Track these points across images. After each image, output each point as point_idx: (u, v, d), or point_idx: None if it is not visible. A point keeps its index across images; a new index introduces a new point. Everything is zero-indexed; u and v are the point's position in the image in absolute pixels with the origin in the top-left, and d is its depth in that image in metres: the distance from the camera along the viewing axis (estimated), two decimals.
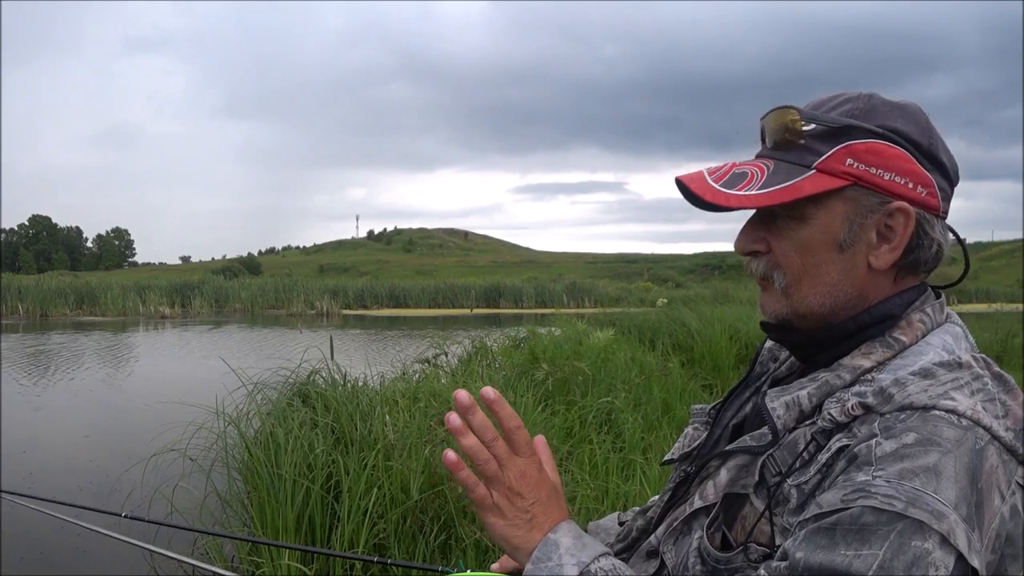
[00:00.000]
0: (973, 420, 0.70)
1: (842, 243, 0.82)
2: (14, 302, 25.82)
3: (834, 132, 0.81)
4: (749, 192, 0.81)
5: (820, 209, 0.81)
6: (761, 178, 0.82)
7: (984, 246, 72.72)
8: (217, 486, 3.65)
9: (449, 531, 3.22)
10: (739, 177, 0.83)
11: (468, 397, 0.82)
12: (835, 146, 0.81)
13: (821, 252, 0.83)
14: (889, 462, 0.68)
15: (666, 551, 0.88)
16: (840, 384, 0.80)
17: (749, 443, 0.84)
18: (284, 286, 33.00)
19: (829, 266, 0.83)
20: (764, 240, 0.87)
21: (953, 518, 0.64)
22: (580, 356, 5.75)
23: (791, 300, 0.85)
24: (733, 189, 0.82)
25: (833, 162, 0.80)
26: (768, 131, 0.85)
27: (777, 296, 0.87)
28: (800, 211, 0.82)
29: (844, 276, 0.83)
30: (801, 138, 0.82)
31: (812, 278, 0.84)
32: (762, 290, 0.90)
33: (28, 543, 4.13)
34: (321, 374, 4.73)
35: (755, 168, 0.84)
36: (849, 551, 0.64)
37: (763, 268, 0.87)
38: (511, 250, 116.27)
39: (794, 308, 0.86)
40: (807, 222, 0.82)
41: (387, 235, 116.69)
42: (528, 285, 36.49)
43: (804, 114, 0.82)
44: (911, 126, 0.82)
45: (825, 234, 0.82)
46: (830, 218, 0.81)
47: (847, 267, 0.83)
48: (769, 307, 0.89)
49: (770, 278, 0.87)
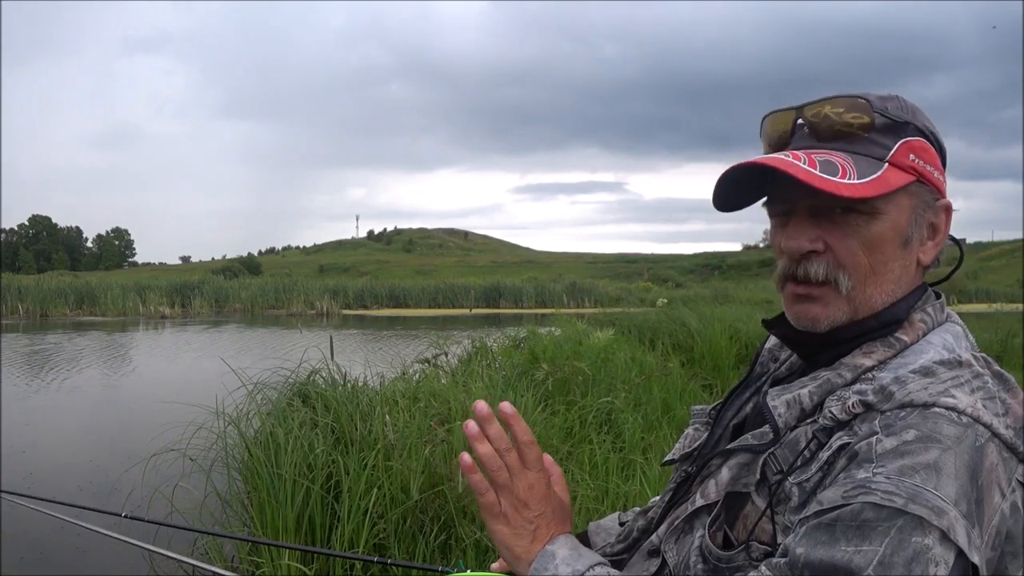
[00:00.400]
0: (973, 417, 0.70)
1: (907, 239, 0.82)
2: (14, 302, 25.81)
3: (894, 127, 0.81)
4: (853, 182, 0.77)
5: (889, 204, 0.80)
6: (853, 170, 0.78)
7: (984, 246, 72.70)
8: (217, 486, 3.65)
9: (449, 531, 3.22)
10: (831, 166, 0.78)
11: (486, 408, 0.85)
12: (897, 141, 0.81)
13: (889, 248, 0.81)
14: (890, 459, 0.68)
15: (667, 550, 0.88)
16: (841, 382, 0.80)
17: (750, 441, 0.84)
18: (284, 286, 32.97)
19: (894, 263, 0.82)
20: (820, 239, 0.82)
21: (953, 514, 0.64)
22: (580, 356, 5.75)
23: (854, 303, 0.82)
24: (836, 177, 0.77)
25: (900, 156, 0.80)
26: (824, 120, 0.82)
27: (839, 302, 0.82)
28: (872, 206, 0.79)
29: (903, 272, 0.83)
30: (868, 130, 0.81)
31: (878, 276, 0.82)
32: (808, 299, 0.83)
33: (28, 543, 4.13)
34: (321, 374, 4.73)
35: (837, 159, 0.79)
36: (849, 547, 0.65)
37: (825, 270, 0.82)
38: (511, 250, 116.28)
39: (856, 311, 0.82)
40: (878, 217, 0.80)
41: (387, 235, 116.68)
42: (528, 285, 36.46)
43: (875, 106, 0.81)
44: (935, 128, 0.85)
45: (894, 230, 0.81)
46: (898, 213, 0.81)
47: (906, 263, 0.83)
48: (823, 315, 0.83)
49: (835, 281, 0.81)
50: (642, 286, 38.60)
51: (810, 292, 0.83)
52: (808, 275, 0.82)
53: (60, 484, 5.30)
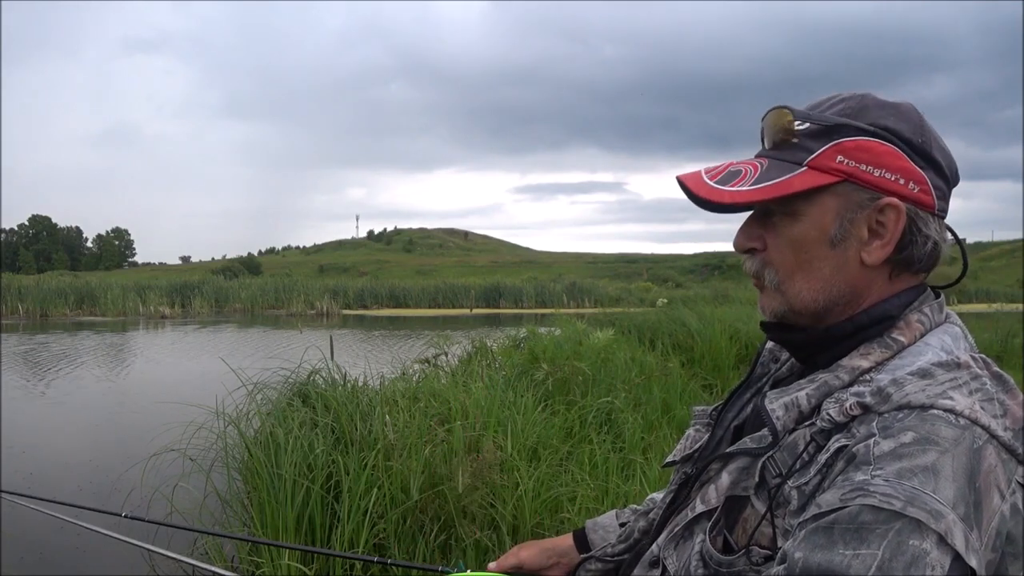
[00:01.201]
0: (971, 419, 0.70)
1: (833, 239, 0.83)
2: (14, 302, 25.80)
3: (826, 131, 0.83)
4: (740, 188, 0.83)
5: (812, 205, 0.83)
6: (754, 175, 0.84)
7: (984, 246, 72.70)
8: (217, 486, 3.65)
9: (449, 531, 3.22)
10: (733, 175, 0.85)
11: None
12: (826, 144, 0.82)
13: (813, 248, 0.84)
14: (887, 461, 0.68)
15: (667, 556, 0.88)
16: (839, 384, 0.80)
17: (749, 445, 0.84)
18: (284, 286, 32.97)
19: (821, 261, 0.84)
20: (761, 238, 0.88)
21: (951, 517, 0.64)
22: (580, 356, 5.75)
23: (786, 296, 0.87)
24: (727, 186, 0.84)
25: (824, 159, 0.82)
26: (766, 131, 0.87)
27: (772, 293, 0.88)
28: (792, 208, 0.84)
29: (837, 272, 0.84)
30: (794, 136, 0.84)
31: (805, 273, 0.85)
32: (759, 291, 0.91)
33: (28, 543, 4.13)
34: (321, 374, 4.73)
35: (749, 166, 0.85)
36: (848, 550, 0.64)
37: (756, 266, 0.89)
38: (511, 250, 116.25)
39: (790, 304, 0.87)
40: (799, 218, 0.84)
41: (387, 235, 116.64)
42: (528, 285, 36.46)
43: (797, 114, 0.84)
44: (903, 124, 0.83)
45: (816, 230, 0.83)
46: (821, 214, 0.83)
47: (839, 263, 0.84)
48: (767, 305, 0.90)
49: (761, 276, 0.89)
50: (642, 286, 38.60)
51: (757, 284, 0.91)
52: (747, 270, 0.91)
53: (60, 484, 5.30)
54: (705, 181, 0.85)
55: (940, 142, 0.85)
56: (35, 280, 32.32)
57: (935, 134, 0.85)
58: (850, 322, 0.84)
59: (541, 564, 1.19)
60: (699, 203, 0.85)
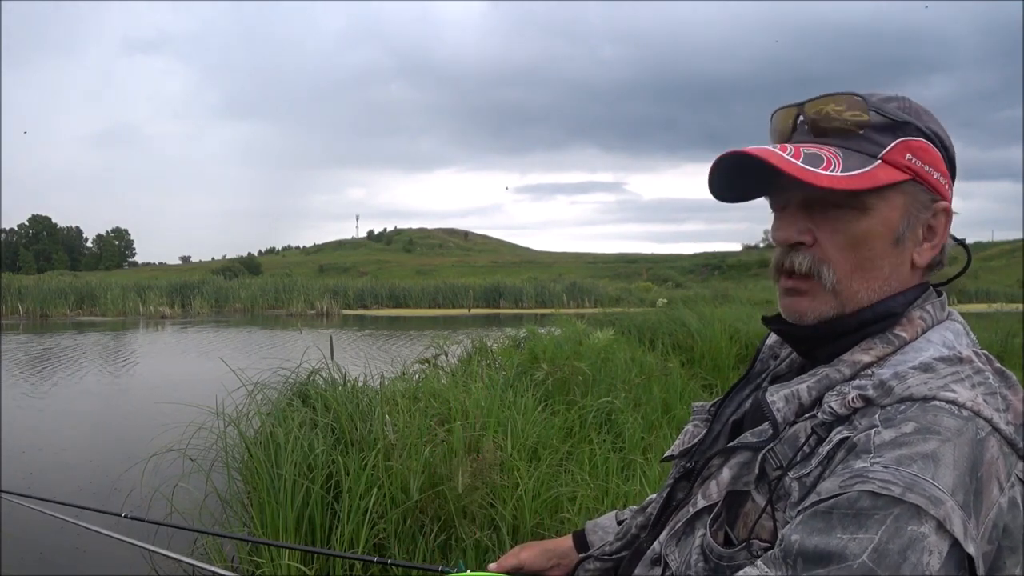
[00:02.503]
0: (974, 411, 0.70)
1: (899, 237, 0.82)
2: (14, 302, 25.80)
3: (892, 126, 0.81)
4: (835, 174, 0.78)
5: (882, 201, 0.80)
6: (839, 163, 0.79)
7: (984, 246, 72.66)
8: (217, 486, 3.64)
9: (449, 531, 3.22)
10: (816, 158, 0.79)
11: None
12: (894, 140, 0.81)
13: (878, 245, 0.81)
14: (887, 449, 0.68)
15: (669, 553, 0.88)
16: (840, 378, 0.80)
17: (750, 439, 0.84)
18: (284, 286, 32.98)
19: (882, 260, 0.82)
20: (810, 231, 0.83)
21: (950, 504, 0.64)
22: (580, 356, 5.75)
23: (841, 298, 0.82)
24: (817, 168, 0.78)
25: (896, 155, 0.80)
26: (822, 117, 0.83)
27: (824, 296, 0.83)
28: (862, 201, 0.80)
29: (893, 271, 0.83)
30: (864, 128, 0.81)
31: (865, 272, 0.82)
32: (795, 293, 0.85)
33: (28, 543, 4.13)
34: (321, 374, 4.73)
35: (826, 152, 0.80)
36: (845, 534, 0.64)
37: (808, 262, 0.83)
38: (511, 250, 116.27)
39: (843, 306, 0.83)
40: (867, 213, 0.80)
41: (387, 235, 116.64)
42: (528, 285, 36.46)
43: (871, 104, 0.82)
44: (941, 130, 0.84)
45: (884, 226, 0.81)
46: (890, 210, 0.81)
47: (897, 262, 0.83)
48: (812, 309, 0.83)
49: (818, 274, 0.82)
50: (642, 286, 38.60)
51: (798, 286, 0.84)
52: (793, 266, 0.83)
53: (60, 484, 5.31)
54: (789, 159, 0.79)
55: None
56: (35, 280, 32.32)
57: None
58: (854, 318, 0.83)
59: (541, 565, 1.19)
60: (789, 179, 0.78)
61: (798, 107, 0.86)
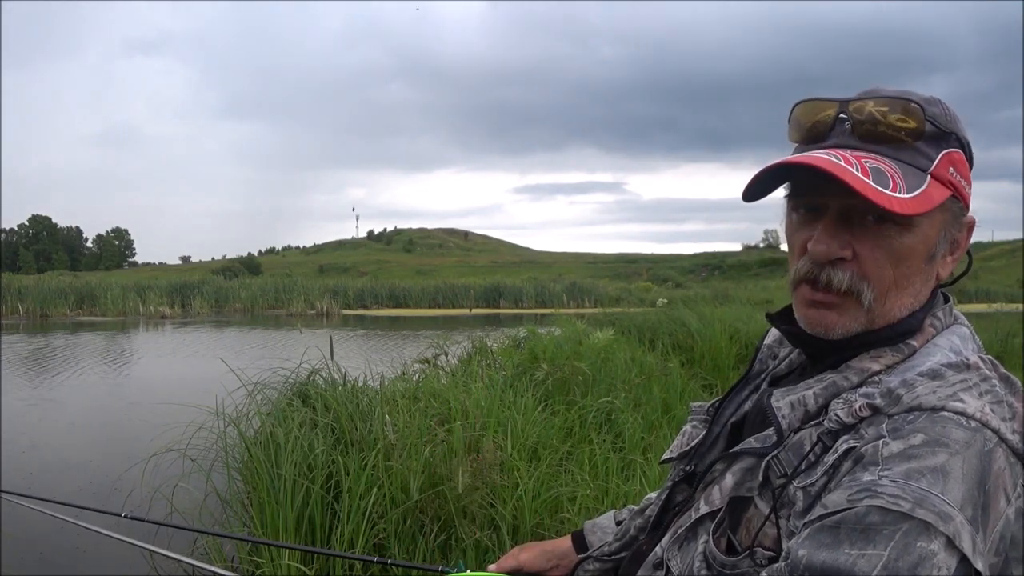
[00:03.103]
0: (982, 422, 0.69)
1: (933, 253, 0.80)
2: (14, 302, 25.79)
3: (939, 137, 0.78)
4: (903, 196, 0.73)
5: (925, 218, 0.77)
6: (902, 182, 0.74)
7: (984, 246, 72.60)
8: (217, 486, 3.64)
9: (449, 531, 3.22)
10: (882, 176, 0.74)
11: None
12: (939, 152, 0.78)
13: (915, 262, 0.79)
14: (896, 462, 0.67)
15: (671, 558, 0.87)
16: (847, 386, 0.79)
17: (754, 445, 0.83)
18: (284, 286, 32.95)
19: (916, 276, 0.80)
20: (850, 245, 0.78)
21: (959, 520, 0.63)
22: (580, 356, 5.74)
23: (872, 315, 0.79)
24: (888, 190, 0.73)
25: (941, 169, 0.77)
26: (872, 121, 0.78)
27: (857, 313, 0.79)
28: (909, 218, 0.75)
29: (923, 286, 0.81)
30: (916, 138, 0.77)
31: (900, 290, 0.79)
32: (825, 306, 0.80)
33: (28, 543, 4.13)
34: (321, 374, 4.73)
35: (886, 167, 0.75)
36: (853, 550, 0.63)
37: (849, 280, 0.78)
38: (511, 250, 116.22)
39: (873, 323, 0.80)
40: (911, 230, 0.77)
41: (387, 235, 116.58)
42: (528, 285, 36.44)
43: (928, 113, 0.77)
44: (967, 137, 0.82)
45: (924, 244, 0.78)
46: (930, 227, 0.78)
47: (927, 278, 0.81)
48: (838, 324, 0.80)
49: (858, 293, 0.78)
50: (642, 286, 38.60)
51: (829, 300, 0.79)
52: (831, 283, 0.78)
53: (60, 484, 5.30)
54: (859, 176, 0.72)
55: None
56: (35, 280, 32.29)
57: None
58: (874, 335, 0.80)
59: (541, 566, 1.19)
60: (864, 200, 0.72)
61: (839, 103, 0.80)
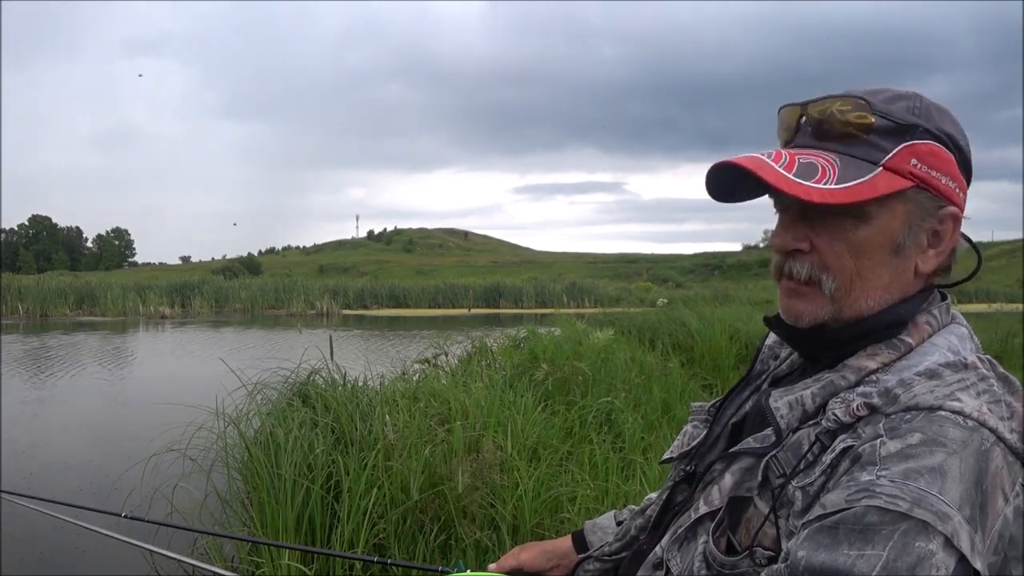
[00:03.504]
0: (979, 421, 0.69)
1: (898, 246, 0.80)
2: (14, 302, 25.78)
3: (899, 130, 0.79)
4: (828, 187, 0.76)
5: (883, 209, 0.79)
6: (834, 173, 0.77)
7: (984, 246, 72.30)
8: (217, 486, 3.64)
9: (449, 531, 3.22)
10: (810, 169, 0.78)
11: None
12: (899, 144, 0.78)
13: (877, 254, 0.80)
14: (894, 462, 0.67)
15: (671, 558, 0.87)
16: (845, 385, 0.79)
17: (752, 445, 0.83)
18: (284, 286, 32.95)
19: (882, 268, 0.81)
20: (807, 238, 0.82)
21: (957, 520, 0.64)
22: (580, 356, 5.75)
23: (839, 304, 0.82)
24: (810, 181, 0.76)
25: (899, 161, 0.78)
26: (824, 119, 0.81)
27: (821, 301, 0.82)
28: (861, 210, 0.78)
29: (894, 280, 0.81)
30: (868, 132, 0.79)
31: (865, 281, 0.81)
32: (795, 295, 0.84)
33: (28, 543, 4.13)
34: (321, 374, 4.73)
35: (823, 161, 0.79)
36: (852, 551, 0.64)
37: (808, 270, 0.82)
38: (511, 250, 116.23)
39: (840, 312, 0.82)
40: (868, 222, 0.79)
41: (387, 235, 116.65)
42: (528, 285, 36.44)
43: (875, 108, 0.79)
44: (955, 130, 0.81)
45: (884, 235, 0.80)
46: (891, 218, 0.79)
47: (898, 271, 0.81)
48: (808, 311, 0.83)
49: (818, 281, 0.82)
50: (642, 286, 38.61)
51: (797, 288, 0.83)
52: (792, 272, 0.83)
53: (60, 484, 5.30)
54: (780, 171, 0.77)
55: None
56: (35, 280, 32.27)
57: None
58: (860, 326, 0.82)
59: (541, 566, 1.20)
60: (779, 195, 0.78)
61: (801, 107, 0.83)
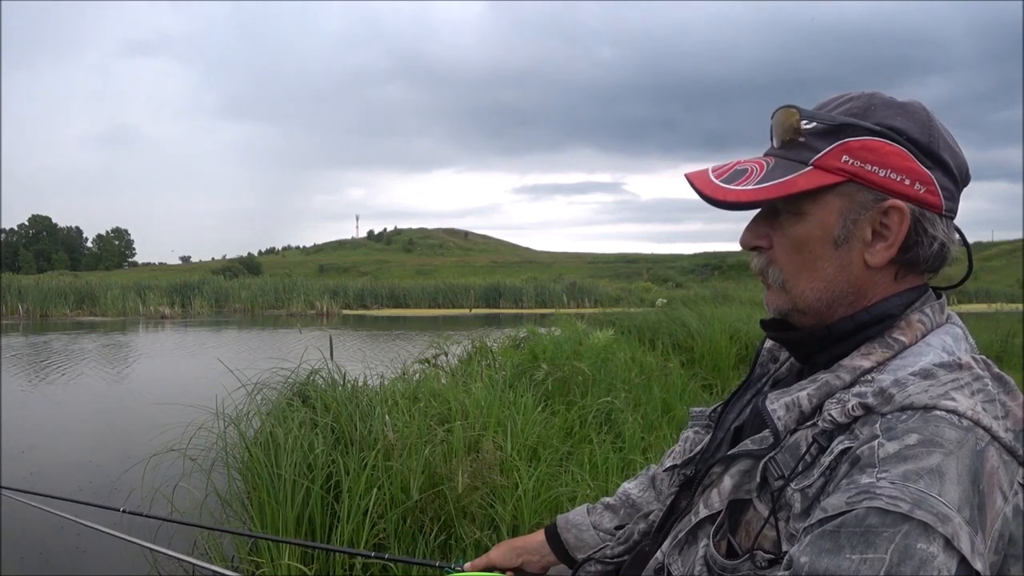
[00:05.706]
0: (973, 421, 0.70)
1: (837, 239, 0.83)
2: (14, 302, 25.77)
3: (832, 130, 0.82)
4: (745, 187, 0.83)
5: (817, 205, 0.83)
6: (760, 174, 0.84)
7: (984, 246, 72.61)
8: (217, 486, 3.65)
9: (449, 531, 3.22)
10: (739, 173, 0.86)
11: None
12: (832, 143, 0.82)
13: (817, 247, 0.84)
14: (892, 463, 0.67)
15: (672, 563, 0.88)
16: (840, 385, 0.80)
17: (750, 447, 0.84)
18: (284, 286, 32.92)
19: (825, 261, 0.84)
20: (767, 236, 0.89)
21: (957, 521, 0.64)
22: (580, 356, 5.75)
23: (790, 294, 0.87)
24: (732, 184, 0.84)
25: (829, 159, 0.82)
26: (775, 130, 0.87)
27: (777, 291, 0.89)
28: (798, 207, 0.84)
29: (840, 272, 0.84)
30: (801, 136, 0.84)
31: (809, 273, 0.85)
32: (766, 288, 0.92)
33: (28, 543, 4.13)
34: (321, 374, 4.73)
35: (756, 165, 0.86)
36: (855, 555, 0.64)
37: (761, 264, 0.90)
38: (511, 250, 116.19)
39: (794, 302, 0.87)
40: (804, 218, 0.84)
41: (387, 235, 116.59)
42: (528, 285, 36.43)
43: (804, 113, 0.84)
44: (910, 123, 0.81)
45: (821, 229, 0.83)
46: (826, 213, 0.83)
47: (843, 263, 0.84)
48: (772, 302, 0.91)
49: (766, 273, 0.90)
50: (642, 286, 38.59)
51: (764, 281, 0.92)
52: (751, 267, 0.93)
53: (60, 484, 5.30)
54: (711, 179, 0.86)
55: (949, 141, 0.83)
56: (35, 280, 32.25)
57: (944, 133, 0.83)
58: (850, 319, 0.84)
59: (510, 562, 1.24)
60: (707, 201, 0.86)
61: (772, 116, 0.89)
